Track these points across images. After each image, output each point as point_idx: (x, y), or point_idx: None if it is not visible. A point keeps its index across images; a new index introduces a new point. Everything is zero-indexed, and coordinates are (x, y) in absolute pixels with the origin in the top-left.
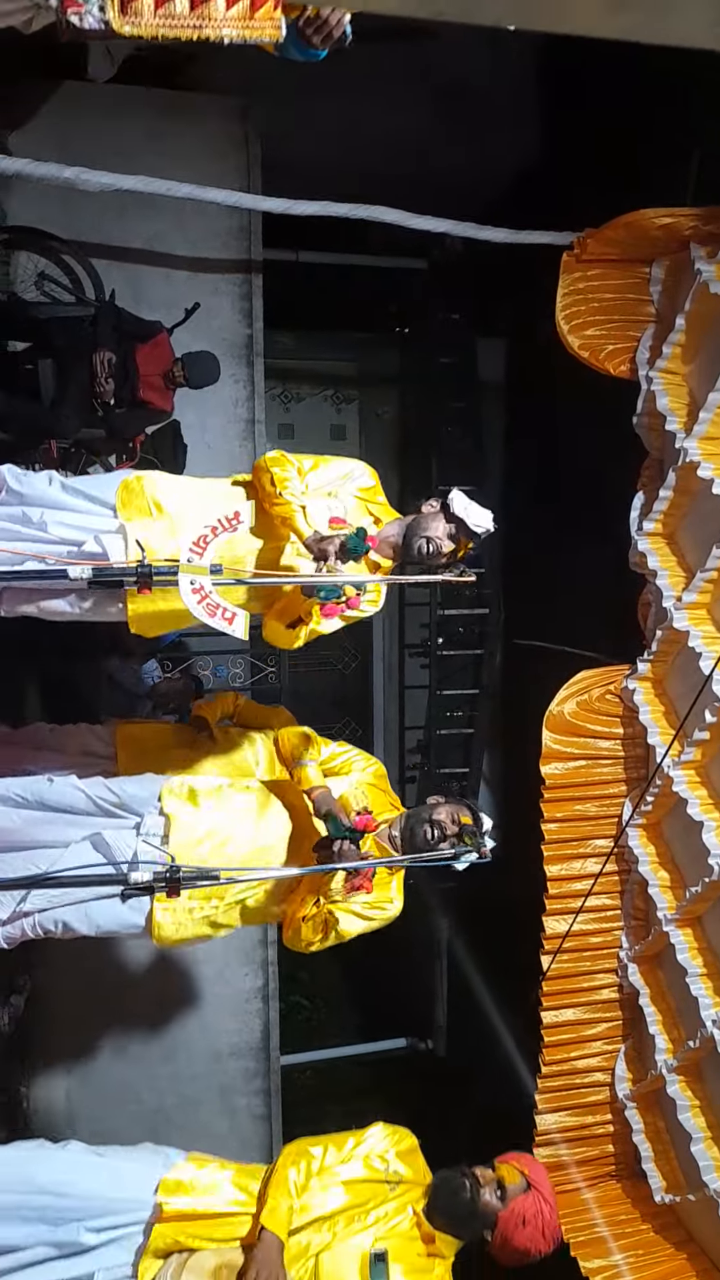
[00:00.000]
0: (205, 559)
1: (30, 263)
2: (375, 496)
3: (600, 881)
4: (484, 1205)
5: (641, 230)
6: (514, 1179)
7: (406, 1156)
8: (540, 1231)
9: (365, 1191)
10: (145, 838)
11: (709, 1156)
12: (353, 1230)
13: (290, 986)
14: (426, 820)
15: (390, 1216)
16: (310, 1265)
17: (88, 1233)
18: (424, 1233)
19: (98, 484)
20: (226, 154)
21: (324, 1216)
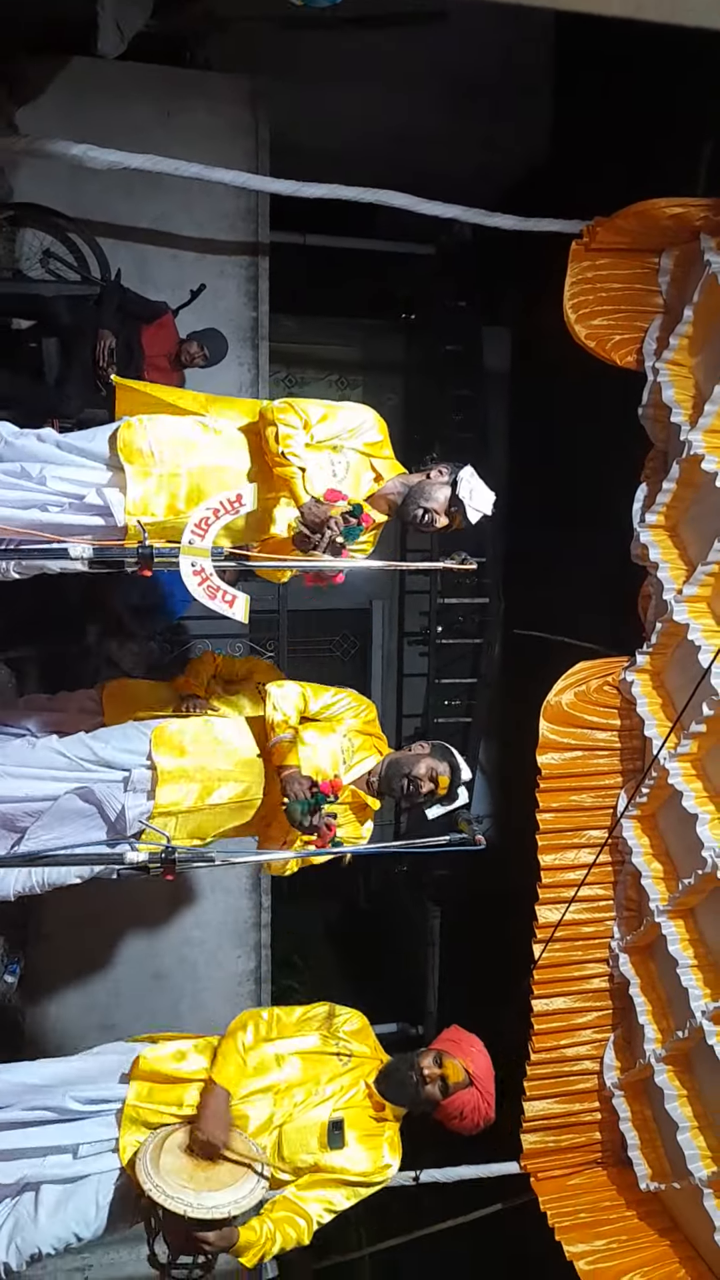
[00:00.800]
0: (206, 541)
1: (36, 240)
2: (380, 450)
3: (594, 872)
4: (427, 1095)
5: (652, 220)
6: (457, 1076)
7: (357, 1035)
8: (475, 1123)
9: (318, 1064)
10: (133, 791)
11: (695, 1145)
12: (310, 1104)
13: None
14: (405, 775)
15: (344, 1090)
16: (274, 1137)
17: (73, 1100)
18: (375, 1102)
19: (89, 438)
20: (235, 135)
21: (282, 1088)
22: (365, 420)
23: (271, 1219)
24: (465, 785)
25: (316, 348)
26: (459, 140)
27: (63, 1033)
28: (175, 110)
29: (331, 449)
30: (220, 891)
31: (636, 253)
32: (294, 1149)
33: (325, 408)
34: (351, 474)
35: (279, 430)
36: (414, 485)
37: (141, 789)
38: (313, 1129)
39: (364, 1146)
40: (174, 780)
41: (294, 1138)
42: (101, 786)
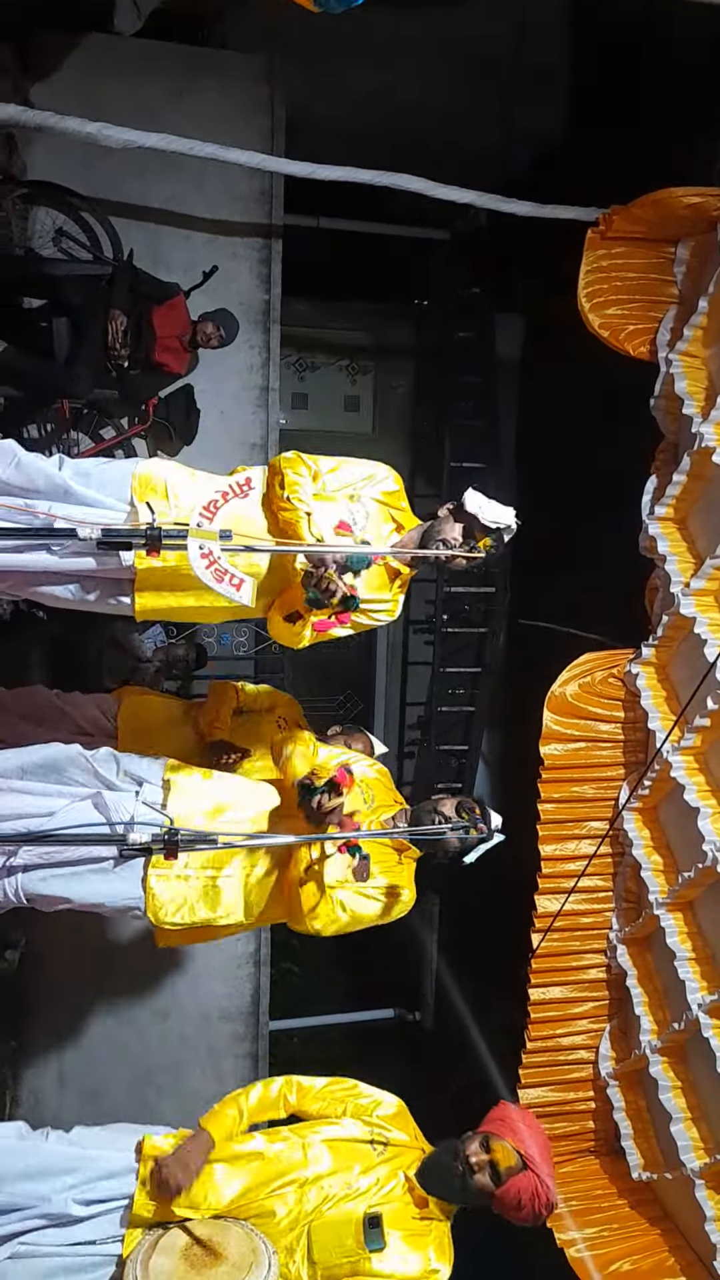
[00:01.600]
0: (215, 524)
1: (49, 218)
2: (398, 501)
3: (594, 863)
4: (479, 1186)
5: (669, 209)
6: (509, 1160)
7: (393, 1120)
8: (536, 1211)
9: (351, 1154)
10: (145, 802)
11: (688, 1137)
12: (343, 1198)
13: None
14: (433, 812)
15: (381, 1183)
16: (303, 1234)
17: (75, 1205)
18: (416, 1196)
19: (108, 478)
20: (251, 114)
21: (310, 1179)
22: (379, 471)
23: None
24: (498, 829)
25: (328, 332)
26: (475, 123)
27: (63, 1010)
28: (190, 89)
29: (349, 498)
30: None
31: (652, 242)
32: (326, 1251)
33: (335, 460)
34: (372, 523)
35: (286, 477)
36: (425, 530)
37: (153, 802)
38: (347, 1226)
39: (408, 1247)
40: (187, 801)
41: (325, 1237)
42: (111, 795)
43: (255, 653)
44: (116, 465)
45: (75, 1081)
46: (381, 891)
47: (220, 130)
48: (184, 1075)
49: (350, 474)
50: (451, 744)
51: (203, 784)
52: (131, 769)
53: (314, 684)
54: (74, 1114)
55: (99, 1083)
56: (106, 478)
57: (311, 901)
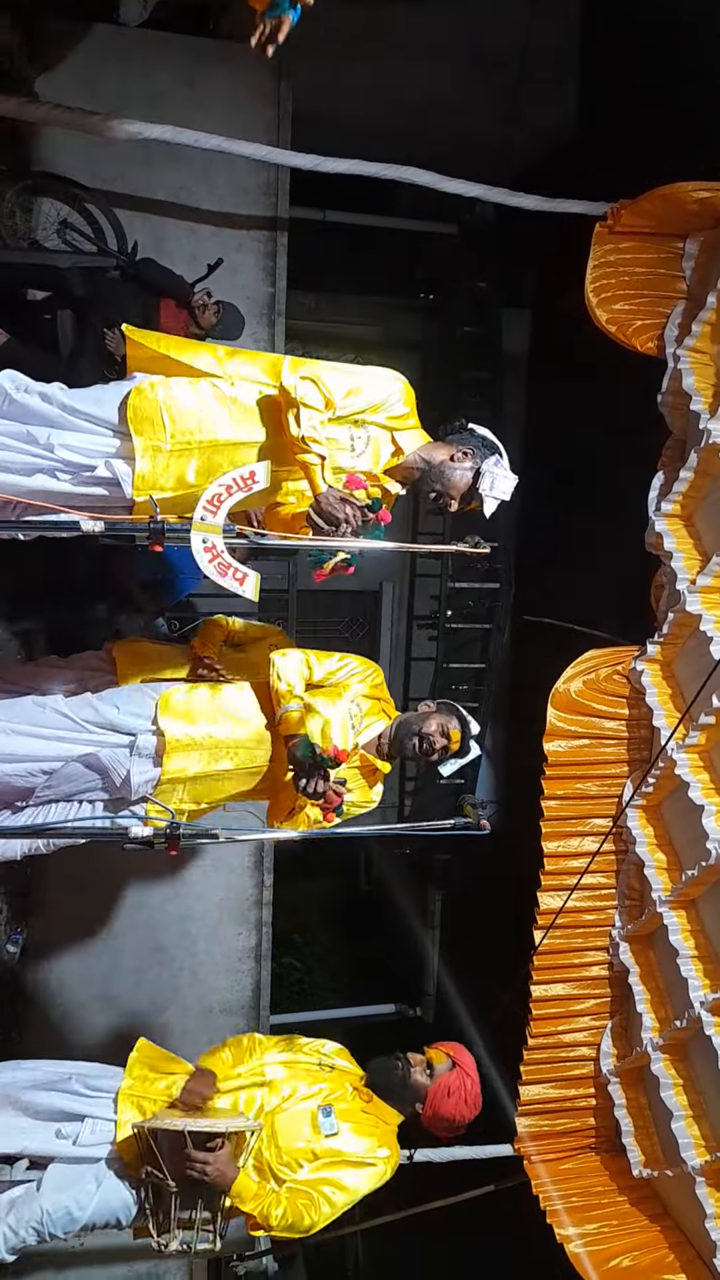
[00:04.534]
0: (219, 518)
1: (53, 210)
2: (404, 422)
3: (597, 860)
4: (414, 1081)
5: (677, 203)
6: (440, 1060)
7: (338, 1053)
8: (464, 1100)
9: (303, 1070)
10: (139, 756)
11: (689, 1134)
12: (298, 1097)
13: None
14: (415, 733)
15: (332, 1088)
16: (267, 1127)
17: (81, 1085)
18: (364, 1098)
19: (98, 400)
20: (257, 105)
21: (267, 1081)
22: (392, 393)
23: (275, 1191)
24: (476, 739)
25: (333, 326)
26: (483, 115)
27: (63, 1001)
28: (197, 80)
29: (353, 423)
30: (223, 868)
31: (661, 237)
32: (288, 1137)
33: (352, 381)
34: (371, 448)
35: (301, 413)
36: (435, 463)
37: (147, 755)
38: (303, 1117)
39: (357, 1135)
40: (181, 750)
41: (286, 1126)
42: (107, 752)
43: None
44: (113, 389)
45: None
46: (352, 806)
47: (227, 121)
48: None
49: (363, 399)
50: None
51: (194, 734)
52: (116, 721)
53: None
54: None
55: None
56: (104, 398)
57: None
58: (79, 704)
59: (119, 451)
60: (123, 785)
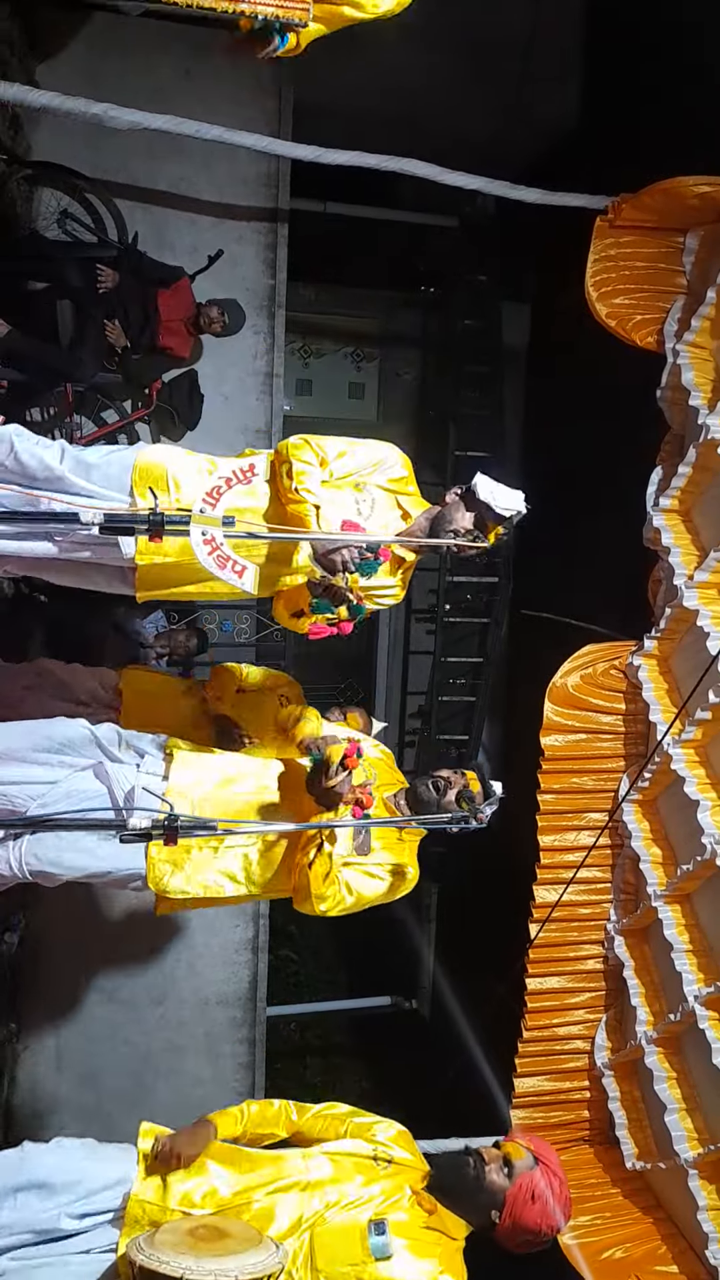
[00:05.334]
0: (218, 510)
1: (54, 200)
2: (405, 487)
3: (593, 854)
4: (490, 1182)
5: (678, 198)
6: (520, 1155)
7: (397, 1141)
8: (551, 1207)
9: (354, 1166)
10: (146, 772)
11: (682, 1127)
12: (346, 1205)
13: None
14: (429, 780)
15: (386, 1194)
16: (305, 1239)
17: (68, 1219)
18: (425, 1207)
19: (111, 471)
20: (258, 96)
21: (311, 1184)
22: (387, 456)
23: None
24: (498, 798)
25: (334, 318)
26: (485, 108)
27: (61, 992)
28: (197, 71)
29: (354, 486)
30: None
31: (662, 231)
32: (330, 1257)
33: (344, 444)
34: (377, 512)
35: (294, 466)
36: (435, 516)
37: (155, 773)
38: (351, 1233)
39: (416, 1256)
40: (190, 773)
41: (329, 1243)
42: (113, 765)
43: (256, 639)
44: (118, 458)
45: (73, 1064)
46: (385, 870)
47: (227, 111)
48: (181, 1060)
49: (358, 460)
50: (452, 734)
51: (206, 757)
52: (134, 743)
53: (315, 671)
54: (71, 1097)
55: (96, 1066)
56: (109, 471)
57: (320, 882)
58: (101, 727)
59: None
60: (125, 800)
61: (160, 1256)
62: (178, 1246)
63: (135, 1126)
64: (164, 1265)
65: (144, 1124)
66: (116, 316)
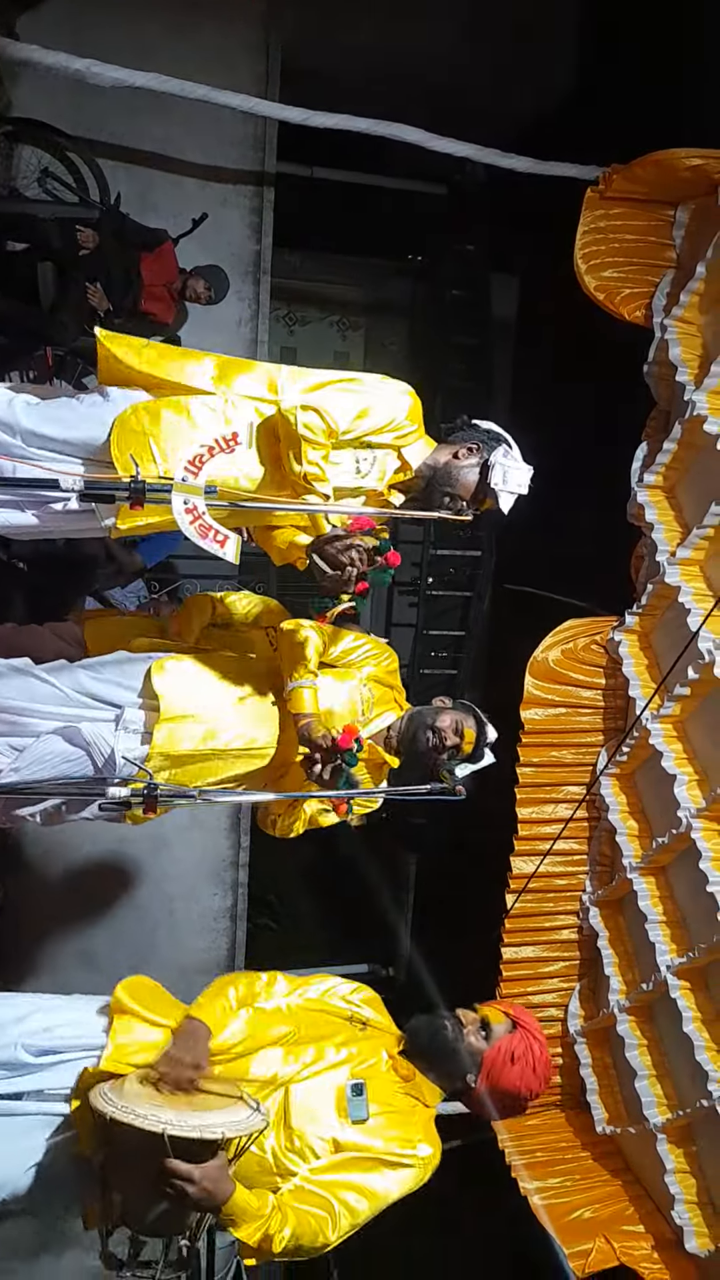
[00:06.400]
0: (200, 479)
1: (34, 158)
2: (412, 439)
3: (570, 826)
4: (468, 1044)
5: (670, 170)
6: (499, 1019)
7: (370, 1003)
8: (531, 1068)
9: (329, 1024)
10: (125, 730)
11: (651, 1093)
12: (323, 1065)
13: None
14: (429, 726)
15: (363, 1056)
16: (279, 1097)
17: (24, 1051)
18: (401, 1073)
19: (69, 425)
20: (246, 57)
21: (290, 1039)
22: (399, 412)
23: (279, 1199)
24: (490, 746)
25: (319, 286)
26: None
27: (40, 960)
28: (185, 30)
29: (359, 445)
30: (199, 829)
31: (652, 204)
32: (305, 1117)
33: (360, 401)
34: (377, 467)
35: (303, 449)
36: (440, 467)
37: (134, 729)
38: (327, 1094)
39: (392, 1122)
40: (174, 721)
41: (305, 1103)
42: (89, 726)
43: None
44: (95, 411)
45: None
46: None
47: (214, 72)
48: None
49: (373, 421)
50: None
51: (192, 691)
52: (103, 693)
53: None
54: None
55: None
56: (74, 420)
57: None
58: (58, 670)
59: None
60: (106, 765)
61: (136, 1109)
62: (152, 1098)
63: None
64: (140, 1119)
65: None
66: (99, 279)
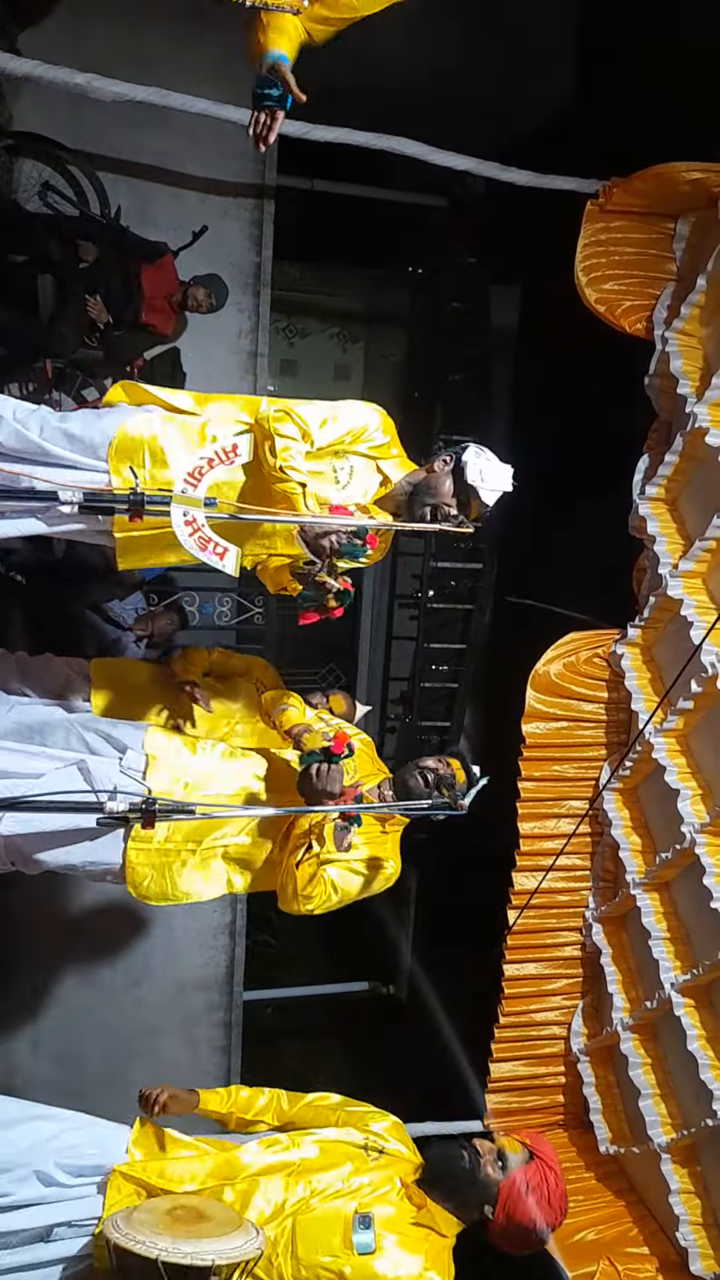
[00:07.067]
0: (199, 491)
1: (35, 171)
2: (387, 452)
3: (572, 842)
4: (484, 1175)
5: (670, 183)
6: (515, 1149)
7: (390, 1131)
8: (547, 1200)
9: (343, 1154)
10: (126, 771)
11: (655, 1112)
12: (333, 1194)
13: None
14: (416, 770)
15: (375, 1185)
16: (287, 1226)
17: (59, 1170)
18: (415, 1201)
19: (91, 431)
20: (247, 71)
21: (296, 1167)
22: (370, 422)
23: None
24: (478, 772)
25: (319, 297)
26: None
27: (36, 975)
28: (185, 42)
29: (334, 454)
30: None
31: (653, 217)
32: (311, 1247)
33: (326, 411)
34: (356, 479)
35: (275, 443)
36: (419, 482)
37: (135, 770)
38: (334, 1223)
39: (403, 1251)
40: (167, 771)
41: (311, 1232)
42: (95, 760)
43: (237, 622)
44: (99, 426)
45: (49, 1047)
46: (365, 865)
47: (215, 84)
48: (158, 1043)
49: (340, 428)
50: (434, 720)
51: (186, 756)
52: (114, 734)
53: (296, 656)
54: (48, 1079)
55: (73, 1049)
56: (90, 438)
57: (306, 882)
58: (80, 716)
59: (103, 485)
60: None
61: (136, 1236)
62: (155, 1226)
63: (112, 1108)
64: (139, 1245)
65: None
66: (98, 291)
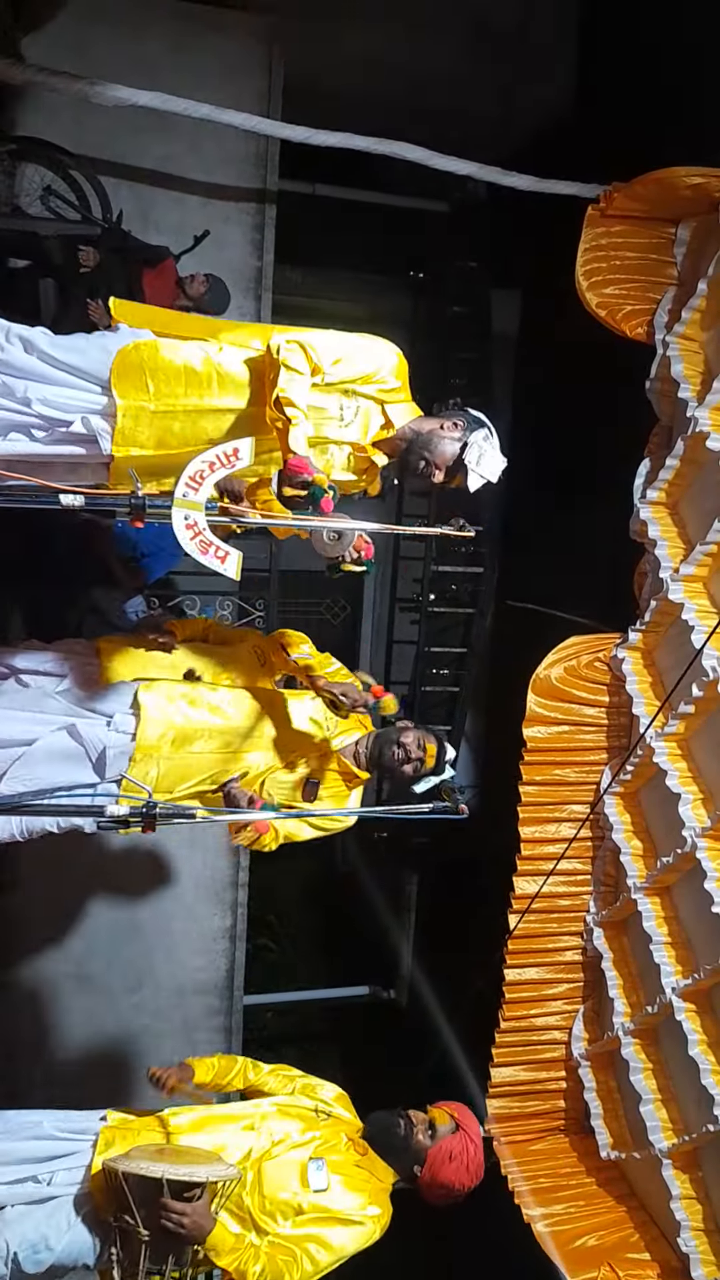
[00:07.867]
0: (201, 494)
1: (37, 176)
2: (396, 396)
3: (573, 846)
4: (416, 1142)
5: (671, 188)
6: (444, 1121)
7: (337, 1100)
8: (465, 1166)
9: (297, 1114)
10: (116, 729)
11: (657, 1117)
12: (289, 1145)
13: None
14: (394, 742)
15: (326, 1139)
16: (253, 1170)
17: (53, 1127)
18: (358, 1151)
19: (83, 350)
20: (249, 74)
21: (259, 1121)
22: (385, 365)
23: (256, 1246)
24: (450, 763)
25: (320, 302)
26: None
27: (37, 978)
28: (187, 47)
29: (344, 393)
30: (199, 849)
31: (653, 221)
32: (274, 1186)
33: (343, 348)
34: (360, 419)
35: (282, 374)
36: (423, 433)
37: (124, 731)
38: (292, 1166)
39: (348, 1189)
40: (156, 724)
41: (274, 1174)
42: (85, 724)
43: (238, 625)
44: (98, 340)
45: (49, 1049)
46: (324, 819)
47: (217, 89)
48: (157, 1047)
49: (354, 369)
50: (435, 724)
51: (174, 710)
52: (105, 696)
53: None
54: (46, 1081)
55: (72, 1051)
56: (88, 348)
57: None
58: (67, 687)
59: (100, 409)
60: (98, 761)
61: (140, 1164)
62: (152, 1158)
63: None
64: (145, 1169)
65: None
66: (100, 296)
